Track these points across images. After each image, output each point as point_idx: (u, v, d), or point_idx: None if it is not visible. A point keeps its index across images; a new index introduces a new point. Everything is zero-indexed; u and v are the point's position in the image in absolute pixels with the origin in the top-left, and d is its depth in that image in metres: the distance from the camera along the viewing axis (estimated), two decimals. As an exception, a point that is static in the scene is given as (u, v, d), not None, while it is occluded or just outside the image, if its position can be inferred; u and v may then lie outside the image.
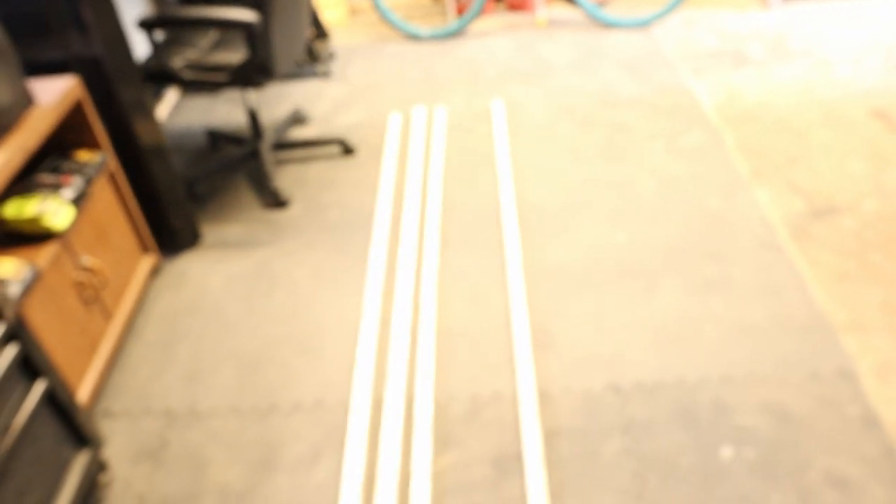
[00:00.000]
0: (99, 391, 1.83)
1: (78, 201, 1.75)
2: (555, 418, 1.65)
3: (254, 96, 2.47)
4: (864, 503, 1.43)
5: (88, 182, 1.80)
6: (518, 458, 1.58)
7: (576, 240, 2.15)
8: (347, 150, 2.64)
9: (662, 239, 2.13)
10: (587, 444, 1.59)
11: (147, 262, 2.12)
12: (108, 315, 1.89)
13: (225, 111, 3.01)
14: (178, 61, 2.24)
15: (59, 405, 1.41)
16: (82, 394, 1.72)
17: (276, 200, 2.41)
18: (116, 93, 1.91)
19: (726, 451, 1.55)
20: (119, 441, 1.71)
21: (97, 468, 1.56)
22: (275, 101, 3.05)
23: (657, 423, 1.62)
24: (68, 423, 1.44)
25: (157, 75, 2.19)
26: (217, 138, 2.75)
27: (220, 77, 2.19)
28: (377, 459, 1.59)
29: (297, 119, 2.83)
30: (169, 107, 3.06)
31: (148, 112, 2.01)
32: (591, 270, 2.04)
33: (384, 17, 3.49)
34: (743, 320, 1.85)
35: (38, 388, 1.36)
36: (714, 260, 2.04)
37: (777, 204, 2.22)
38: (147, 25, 2.12)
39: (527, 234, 2.19)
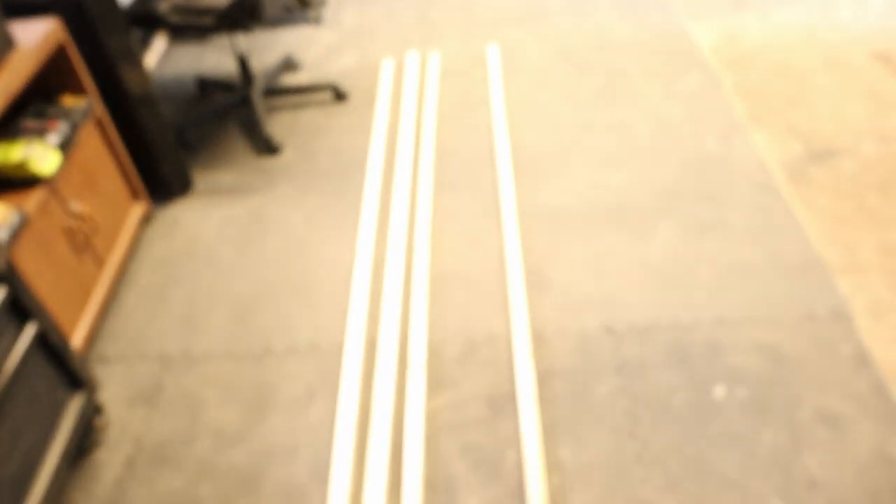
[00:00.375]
0: (93, 337, 1.83)
1: (64, 146, 1.72)
2: (549, 359, 1.65)
3: (243, 42, 2.42)
4: (854, 438, 1.44)
5: (74, 127, 1.77)
6: (512, 397, 1.58)
7: (571, 183, 2.13)
8: (340, 95, 2.60)
9: (658, 182, 2.11)
10: (580, 383, 1.60)
11: (138, 209, 2.10)
12: (100, 261, 1.88)
13: (215, 58, 2.95)
14: (164, 4, 2.18)
15: (51, 348, 1.41)
16: (76, 339, 1.72)
17: (268, 147, 2.37)
18: (101, 37, 1.86)
19: (719, 390, 1.56)
20: (114, 385, 1.72)
21: (93, 411, 1.57)
22: (265, 48, 2.99)
23: (650, 364, 1.62)
24: (61, 366, 1.44)
25: (143, 19, 2.14)
26: (207, 86, 2.70)
27: (208, 20, 2.14)
28: (371, 400, 1.60)
29: (289, 65, 2.78)
30: (157, 55, 3.01)
31: (135, 58, 1.97)
32: (586, 213, 2.03)
33: (376, -39, 3.40)
34: (738, 262, 1.84)
35: (29, 330, 1.35)
36: (710, 203, 2.02)
37: (775, 147, 2.19)
38: (131, -35, 2.06)
39: (521, 178, 2.16)
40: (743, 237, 1.90)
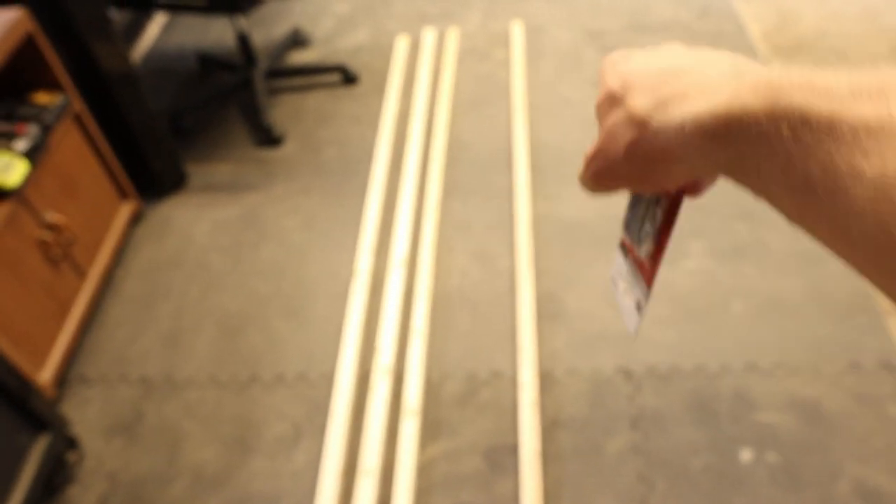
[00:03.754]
0: (73, 354, 1.72)
1: (34, 153, 1.57)
2: (557, 405, 1.50)
3: (244, 20, 2.22)
4: (899, 523, 1.28)
5: (47, 130, 1.62)
6: (513, 450, 1.44)
7: (594, 192, 1.93)
8: (349, 78, 2.40)
9: (692, 193, 1.90)
10: (590, 437, 1.44)
11: (126, 209, 1.96)
12: (80, 272, 1.75)
13: (221, 31, 2.75)
14: (154, -19, 1.99)
15: (8, 393, 1.29)
16: (53, 359, 1.61)
17: (268, 137, 2.20)
18: (72, 16, 1.68)
19: (746, 454, 1.39)
20: (93, 411, 1.61)
21: (63, 447, 1.46)
22: (273, 20, 2.78)
23: (670, 417, 1.46)
24: (21, 409, 1.33)
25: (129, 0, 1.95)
26: (208, 63, 2.52)
27: (200, 1, 1.95)
28: (360, 446, 1.47)
29: (297, 41, 2.58)
30: (159, 26, 2.82)
31: (112, 37, 1.79)
32: (608, 228, 1.83)
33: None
34: (775, 295, 1.65)
35: (-18, 377, 1.23)
36: (747, 221, 1.81)
37: (826, 154, 1.95)
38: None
39: (539, 183, 1.97)
40: (783, 265, 1.70)
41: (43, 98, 1.67)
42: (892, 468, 1.35)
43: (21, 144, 1.55)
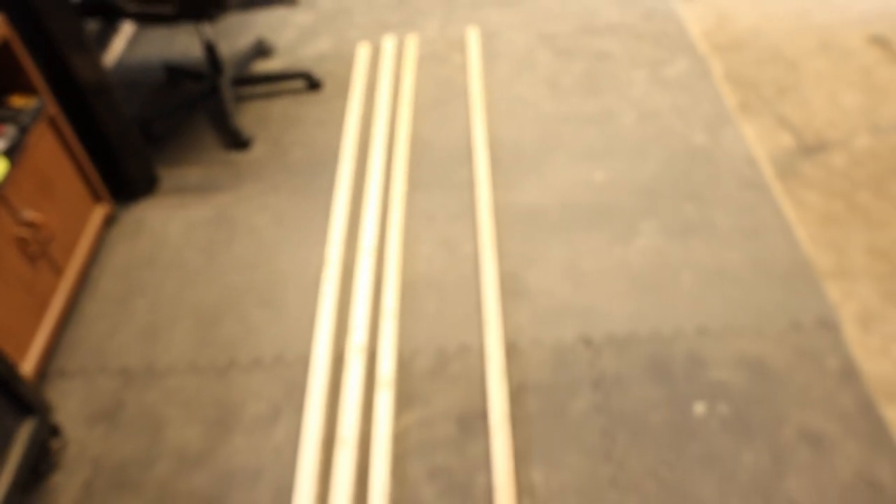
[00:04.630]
0: (52, 349, 1.76)
1: (12, 152, 1.62)
2: (523, 373, 1.59)
3: (210, 28, 2.30)
4: (838, 460, 1.39)
5: (24, 130, 1.67)
6: (483, 415, 1.52)
7: (550, 180, 2.04)
8: (313, 84, 2.49)
9: (642, 178, 2.02)
10: (555, 400, 1.53)
11: (100, 211, 2.01)
12: (58, 270, 1.80)
13: (186, 43, 2.83)
14: (122, -8, 2.07)
15: (-5, 375, 1.33)
16: (32, 353, 1.65)
17: (236, 141, 2.28)
18: (48, 27, 1.75)
19: (699, 407, 1.50)
20: (74, 402, 1.65)
21: (48, 434, 1.50)
22: (237, 31, 2.86)
23: (629, 378, 1.56)
24: (7, 393, 1.37)
25: (97, 8, 2.02)
26: (175, 73, 2.59)
27: (167, 9, 2.03)
28: (337, 419, 1.54)
29: (261, 51, 2.66)
30: (125, 39, 2.88)
31: (87, 48, 1.86)
32: (565, 213, 1.94)
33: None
34: (722, 266, 1.77)
35: (-30, 359, 1.28)
36: (695, 201, 1.94)
37: (764, 140, 2.10)
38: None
39: (498, 175, 2.07)
40: (728, 239, 1.83)
41: (18, 101, 1.72)
42: (831, 413, 1.46)
43: (0, 144, 1.61)
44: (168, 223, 2.06)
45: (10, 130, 1.64)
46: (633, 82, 2.37)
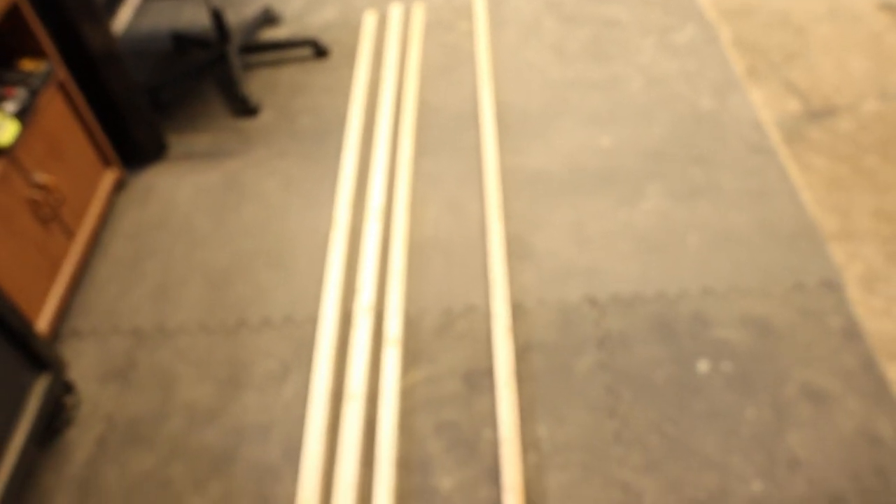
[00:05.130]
0: (65, 310, 1.79)
1: (23, 114, 1.64)
2: (528, 332, 1.61)
3: (217, -5, 2.30)
4: (839, 416, 1.41)
5: (34, 93, 1.69)
6: (489, 373, 1.54)
7: (557, 144, 2.05)
8: (320, 51, 2.50)
9: (648, 142, 2.03)
10: (560, 358, 1.55)
11: (110, 176, 2.03)
12: (69, 233, 1.82)
13: (193, 11, 2.83)
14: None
15: (11, 332, 1.36)
16: (46, 313, 1.68)
17: (244, 108, 2.29)
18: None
19: (703, 365, 1.51)
20: (87, 361, 1.68)
21: (62, 390, 1.54)
22: (243, 0, 2.86)
23: (633, 337, 1.58)
24: (23, 348, 1.40)
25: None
26: (182, 42, 2.60)
27: (175, -26, 2.03)
28: (345, 376, 1.56)
29: (268, 19, 2.66)
30: (132, 8, 2.88)
31: (97, 16, 1.87)
32: (572, 176, 1.95)
33: None
34: (728, 229, 1.78)
35: (-14, 313, 1.30)
36: (702, 165, 1.94)
37: (771, 105, 2.10)
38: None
39: (505, 139, 2.08)
40: (734, 202, 1.83)
41: (29, 65, 1.74)
42: (833, 371, 1.48)
43: (10, 106, 1.62)
44: (177, 188, 2.08)
45: (21, 93, 1.66)
46: (641, 48, 2.36)
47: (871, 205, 1.79)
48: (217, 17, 2.35)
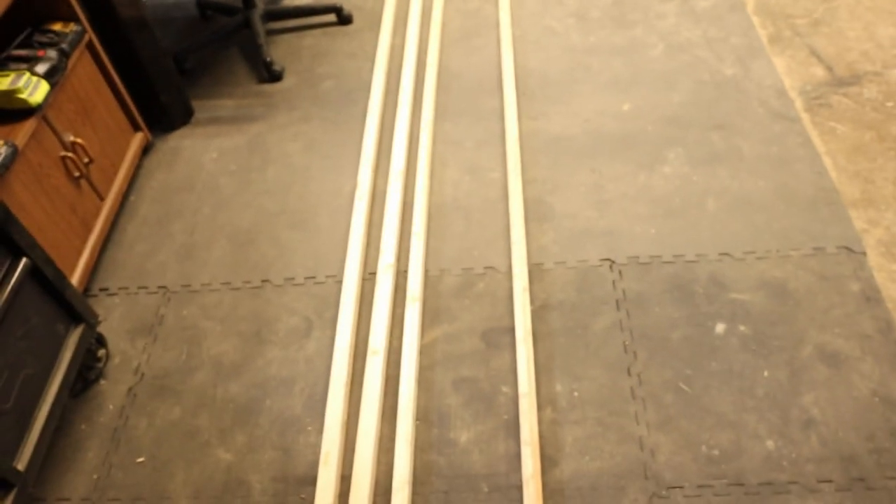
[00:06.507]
0: (95, 269, 1.84)
1: (53, 74, 1.68)
2: (547, 292, 1.63)
3: (241, -40, 2.32)
4: (854, 378, 1.42)
5: (65, 55, 1.72)
6: (508, 331, 1.57)
7: (577, 109, 2.05)
8: (343, 18, 2.51)
9: (669, 108, 2.02)
10: (578, 318, 1.58)
11: (137, 139, 2.07)
12: (99, 193, 1.86)
13: (216, -22, 2.85)
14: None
15: (46, 283, 1.41)
16: (78, 270, 1.73)
17: (269, 73, 2.31)
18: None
19: (720, 327, 1.53)
20: (116, 318, 1.74)
21: (94, 343, 1.59)
22: (268, -33, 2.87)
23: (651, 298, 1.59)
24: (58, 300, 1.45)
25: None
26: (207, 8, 2.62)
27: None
28: (367, 333, 1.60)
29: (291, -15, 2.68)
30: (157, -26, 2.90)
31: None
32: (591, 141, 1.96)
33: None
34: (748, 194, 1.78)
35: (22, 265, 1.35)
36: (722, 131, 1.94)
37: (795, 72, 2.08)
38: None
39: (526, 104, 2.09)
40: (755, 168, 1.83)
41: (59, 28, 1.77)
42: (849, 334, 1.49)
43: (41, 67, 1.66)
44: (203, 151, 2.12)
45: (52, 54, 1.69)
46: (663, 14, 2.34)
47: (895, 172, 1.78)
48: (241, -18, 2.36)
